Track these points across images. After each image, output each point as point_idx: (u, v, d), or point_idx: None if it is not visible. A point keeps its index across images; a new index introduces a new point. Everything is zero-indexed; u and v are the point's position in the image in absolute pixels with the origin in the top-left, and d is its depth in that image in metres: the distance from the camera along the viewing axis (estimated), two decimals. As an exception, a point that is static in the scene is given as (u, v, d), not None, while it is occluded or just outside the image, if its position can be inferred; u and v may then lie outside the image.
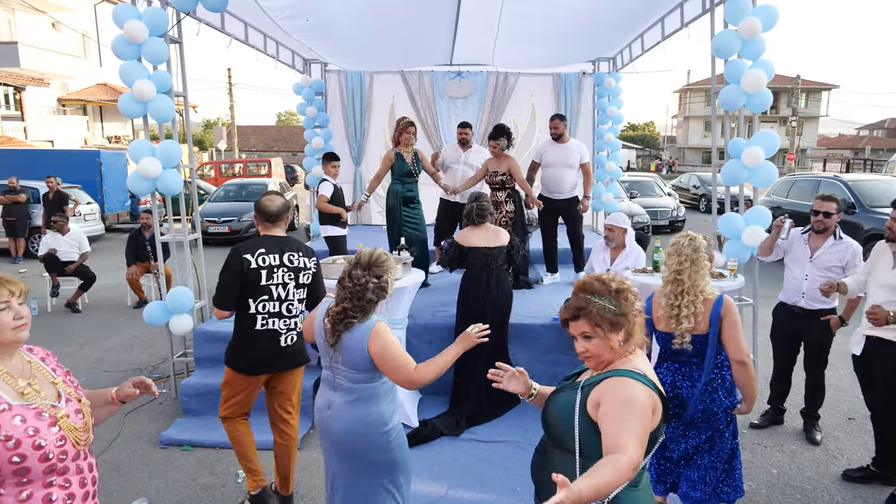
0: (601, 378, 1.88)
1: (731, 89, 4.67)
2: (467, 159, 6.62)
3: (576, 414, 1.86)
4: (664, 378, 2.97)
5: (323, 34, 7.24)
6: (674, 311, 2.87)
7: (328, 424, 2.59)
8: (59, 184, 11.57)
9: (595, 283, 1.94)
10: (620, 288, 1.92)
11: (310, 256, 3.41)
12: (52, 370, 1.94)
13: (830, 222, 4.11)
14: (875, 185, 10.48)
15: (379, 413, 2.55)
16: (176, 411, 4.83)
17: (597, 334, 1.88)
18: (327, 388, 2.65)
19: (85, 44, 26.34)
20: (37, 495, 1.74)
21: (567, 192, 6.46)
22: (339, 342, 2.49)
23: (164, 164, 4.69)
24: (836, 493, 3.73)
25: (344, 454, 2.58)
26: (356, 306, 2.48)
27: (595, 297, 1.90)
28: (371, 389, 2.54)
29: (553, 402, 2.01)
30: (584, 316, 1.89)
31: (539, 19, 6.32)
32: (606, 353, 1.89)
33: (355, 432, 2.52)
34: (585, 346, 1.90)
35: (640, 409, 1.77)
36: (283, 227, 3.43)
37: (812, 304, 4.20)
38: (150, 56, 4.63)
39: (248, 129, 48.22)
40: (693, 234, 2.99)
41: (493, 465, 4.00)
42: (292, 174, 30.69)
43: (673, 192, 18.07)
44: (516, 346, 5.02)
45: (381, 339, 2.46)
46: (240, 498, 3.69)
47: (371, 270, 2.51)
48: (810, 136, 49.09)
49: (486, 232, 4.74)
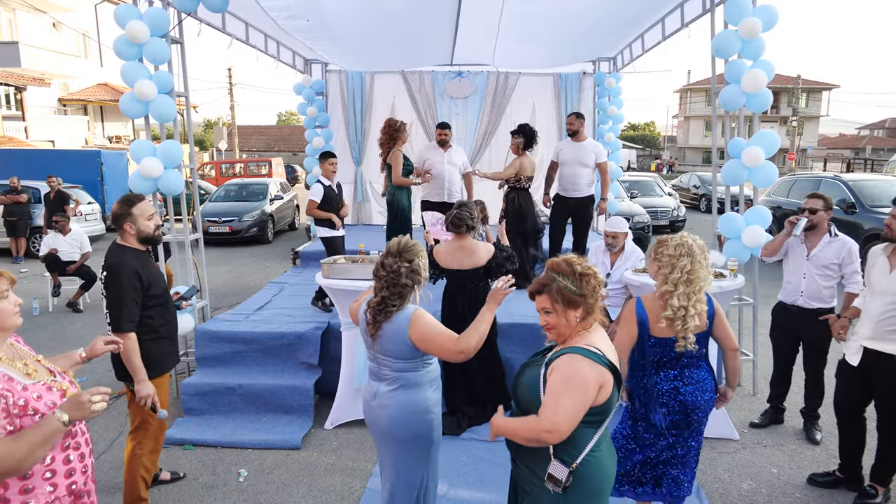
0: (559, 354, 2.09)
1: (731, 89, 4.68)
2: (450, 159, 6.65)
3: (541, 386, 2.08)
4: (662, 387, 2.87)
5: (324, 34, 7.25)
6: (680, 312, 2.78)
7: (374, 414, 2.68)
8: (60, 184, 11.59)
9: (563, 263, 2.16)
10: (584, 272, 2.13)
11: (105, 268, 3.29)
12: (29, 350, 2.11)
13: (817, 219, 4.14)
14: (875, 184, 10.48)
15: (424, 399, 2.65)
16: (177, 410, 4.84)
17: (555, 310, 2.12)
18: (373, 380, 2.74)
19: (86, 44, 26.35)
20: (58, 458, 1.97)
21: (582, 190, 6.49)
22: (378, 332, 2.59)
23: (166, 164, 4.70)
24: (836, 492, 3.74)
25: (389, 441, 2.68)
26: (393, 293, 2.58)
27: (559, 276, 2.13)
28: (415, 377, 2.64)
29: (522, 376, 2.22)
30: (546, 291, 2.13)
31: (540, 19, 6.33)
32: (563, 327, 2.12)
33: (400, 419, 2.62)
34: (546, 319, 2.15)
35: (580, 385, 2.00)
36: (131, 238, 3.34)
37: (811, 303, 4.21)
38: (152, 56, 4.64)
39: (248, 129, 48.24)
40: (684, 234, 2.92)
41: (493, 464, 4.01)
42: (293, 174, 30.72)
43: (673, 192, 18.07)
44: (515, 346, 5.02)
45: (421, 323, 2.56)
46: (242, 496, 3.70)
47: (402, 256, 2.61)
48: (811, 135, 49.07)
49: (461, 250, 4.33)
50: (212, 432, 4.44)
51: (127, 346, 3.14)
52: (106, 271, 3.24)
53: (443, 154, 6.64)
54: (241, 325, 5.16)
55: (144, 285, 3.25)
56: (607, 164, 6.72)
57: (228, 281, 9.63)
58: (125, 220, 3.30)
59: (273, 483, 3.85)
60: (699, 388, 2.87)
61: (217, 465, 4.09)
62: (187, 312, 4.93)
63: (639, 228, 11.82)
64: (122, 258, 3.24)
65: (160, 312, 3.38)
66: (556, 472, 2.04)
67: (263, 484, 3.84)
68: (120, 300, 3.15)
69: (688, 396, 2.85)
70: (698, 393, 2.86)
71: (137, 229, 3.32)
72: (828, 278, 4.15)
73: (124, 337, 3.13)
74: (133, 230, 3.32)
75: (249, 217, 13.83)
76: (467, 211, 4.29)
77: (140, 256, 3.33)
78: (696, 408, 2.86)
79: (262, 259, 11.89)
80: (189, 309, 4.94)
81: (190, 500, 3.68)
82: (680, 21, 6.09)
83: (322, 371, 4.93)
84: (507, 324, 5.08)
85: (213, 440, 4.36)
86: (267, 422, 4.58)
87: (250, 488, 3.80)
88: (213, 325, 5.17)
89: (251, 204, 14.47)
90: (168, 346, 3.47)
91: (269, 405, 4.67)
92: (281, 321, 5.28)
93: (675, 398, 2.85)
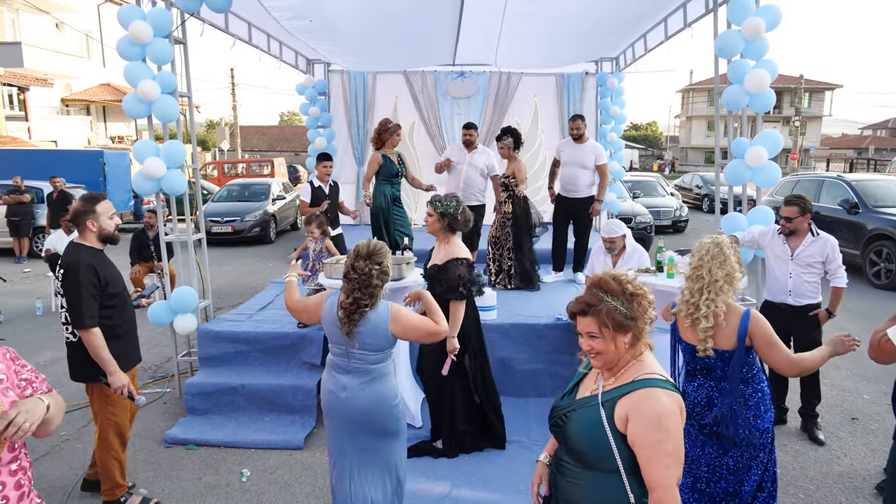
0: (624, 391, 1.82)
1: (734, 89, 4.67)
2: (472, 160, 6.64)
3: (608, 433, 1.80)
4: (698, 395, 2.79)
5: (326, 34, 7.25)
6: (689, 308, 2.72)
7: (344, 405, 2.77)
8: (64, 184, 11.62)
9: (612, 282, 1.88)
10: (636, 293, 1.87)
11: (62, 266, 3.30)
12: None
13: (793, 226, 4.21)
14: (879, 185, 10.44)
15: (391, 387, 2.82)
16: (180, 410, 4.85)
17: (603, 334, 1.84)
18: (338, 374, 2.82)
19: (88, 44, 26.39)
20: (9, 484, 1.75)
21: (581, 191, 6.50)
22: (356, 329, 2.69)
23: (169, 165, 4.71)
24: (838, 492, 3.73)
25: (360, 428, 2.78)
26: (365, 294, 2.70)
27: (608, 297, 1.85)
28: (384, 368, 2.80)
29: (571, 425, 1.89)
30: (592, 313, 1.85)
31: (542, 19, 6.33)
32: (612, 353, 1.85)
33: (372, 408, 2.75)
34: (591, 343, 1.86)
35: (673, 423, 1.74)
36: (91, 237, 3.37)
37: (799, 300, 4.28)
38: (155, 57, 4.65)
39: (250, 129, 48.27)
40: (718, 237, 2.86)
41: (496, 464, 4.01)
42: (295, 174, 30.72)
43: (676, 192, 18.05)
44: (519, 346, 5.02)
45: (401, 318, 2.74)
46: (245, 496, 3.71)
47: (371, 259, 2.73)
48: (813, 135, 48.96)
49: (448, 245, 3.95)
50: (214, 432, 4.45)
51: (92, 341, 3.20)
52: (63, 269, 3.26)
53: (466, 155, 6.64)
54: (243, 325, 5.17)
55: (102, 283, 3.28)
56: (607, 167, 6.72)
57: (231, 281, 9.64)
58: (88, 218, 3.33)
59: (276, 483, 3.86)
60: (738, 403, 2.73)
61: (220, 464, 4.09)
62: (190, 313, 4.94)
63: (641, 229, 11.81)
64: (78, 256, 3.26)
65: (118, 312, 3.41)
66: None
67: (266, 484, 3.85)
68: (79, 297, 3.18)
69: (724, 409, 2.72)
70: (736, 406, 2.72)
71: (99, 227, 3.35)
72: (813, 275, 4.25)
73: (88, 333, 3.19)
74: (95, 228, 3.34)
75: (252, 217, 13.85)
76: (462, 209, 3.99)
77: (97, 255, 3.36)
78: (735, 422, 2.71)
79: (265, 259, 11.90)
80: (192, 309, 4.95)
81: (193, 500, 3.68)
82: (683, 21, 6.08)
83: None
84: (508, 324, 5.09)
85: (216, 440, 4.36)
86: (269, 422, 4.58)
87: (253, 488, 3.80)
88: (216, 325, 5.17)
89: (254, 204, 14.49)
90: (126, 345, 3.50)
91: (271, 405, 4.68)
92: (283, 321, 5.28)
93: (710, 409, 2.76)
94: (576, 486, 1.89)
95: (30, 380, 1.89)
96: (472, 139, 6.68)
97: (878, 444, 4.32)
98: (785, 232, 4.27)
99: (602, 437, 1.80)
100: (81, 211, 3.35)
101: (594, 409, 1.85)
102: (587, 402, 1.90)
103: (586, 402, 1.90)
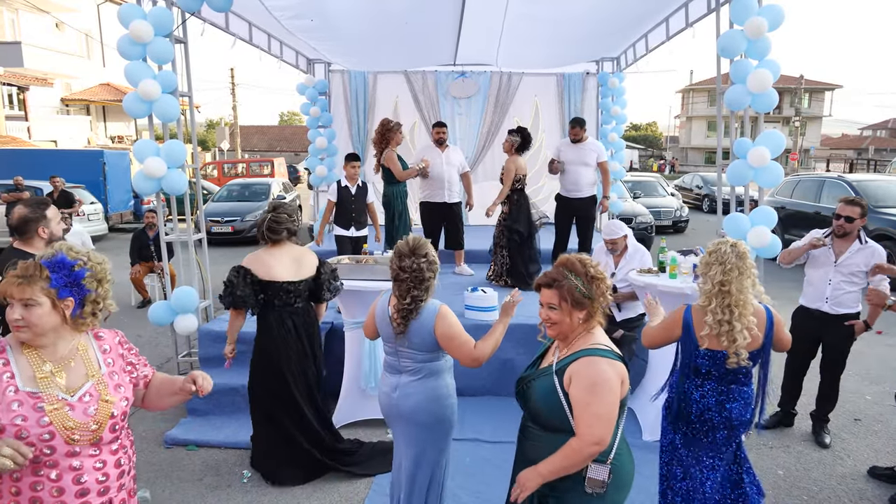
0: (572, 359, 2.07)
1: (736, 89, 4.66)
2: (448, 159, 6.63)
3: (561, 397, 2.06)
4: (707, 401, 2.74)
5: (327, 34, 7.25)
6: (723, 327, 2.63)
7: (397, 405, 2.77)
8: (63, 184, 11.61)
9: (577, 263, 2.14)
10: (596, 276, 2.12)
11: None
12: (104, 361, 1.95)
13: (852, 227, 4.03)
14: (879, 185, 10.44)
15: (445, 385, 2.79)
16: (181, 411, 4.83)
17: (561, 307, 2.10)
18: (391, 374, 2.84)
19: (88, 44, 26.38)
20: (25, 481, 1.78)
21: (584, 190, 6.51)
22: (406, 330, 2.70)
23: (170, 164, 4.69)
24: (842, 493, 3.72)
25: (413, 427, 2.77)
26: (421, 289, 2.69)
27: (571, 276, 2.11)
28: (436, 366, 2.77)
29: (532, 391, 2.17)
30: (555, 286, 2.11)
31: (543, 20, 6.32)
32: (566, 325, 2.11)
33: (424, 406, 2.73)
34: (549, 314, 2.13)
35: (607, 388, 2.00)
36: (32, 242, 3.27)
37: (836, 308, 4.10)
38: (156, 56, 4.63)
39: (250, 129, 48.29)
40: (734, 241, 2.73)
41: (496, 465, 3.98)
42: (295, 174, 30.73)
43: (676, 193, 18.05)
44: (520, 347, 5.00)
45: (446, 321, 2.71)
46: (246, 497, 3.69)
47: (416, 254, 2.70)
48: (813, 136, 48.98)
49: (288, 256, 3.73)
50: (215, 433, 4.43)
51: None
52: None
53: (441, 154, 6.63)
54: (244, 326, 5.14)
55: None
56: (608, 164, 6.72)
57: (231, 281, 9.58)
58: (39, 224, 3.24)
59: (277, 486, 3.83)
60: (744, 405, 2.75)
61: (221, 465, 4.07)
62: (191, 313, 4.93)
63: (642, 229, 11.80)
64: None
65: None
66: (596, 475, 2.03)
67: (266, 486, 3.82)
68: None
69: (734, 412, 2.72)
70: (743, 409, 2.75)
71: (50, 233, 3.27)
72: (854, 284, 4.05)
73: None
74: (46, 234, 3.26)
75: (252, 217, 13.83)
76: (284, 211, 3.74)
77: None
78: (741, 423, 2.75)
79: (265, 259, 11.88)
80: (193, 309, 4.93)
81: (193, 501, 3.67)
82: (684, 21, 6.07)
83: (326, 371, 4.92)
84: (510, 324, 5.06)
85: (217, 441, 4.34)
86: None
87: (254, 489, 3.78)
88: (217, 325, 5.16)
89: (254, 204, 14.47)
90: None
91: (272, 406, 4.65)
92: (284, 321, 5.26)
93: (721, 413, 2.73)
94: (536, 447, 2.15)
95: (134, 363, 2.07)
96: (444, 137, 6.66)
97: (880, 445, 4.32)
98: (839, 233, 4.06)
99: (556, 401, 2.07)
100: (32, 218, 3.23)
101: (549, 378, 2.12)
102: (545, 371, 2.17)
103: (544, 372, 2.17)
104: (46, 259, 1.83)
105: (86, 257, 1.90)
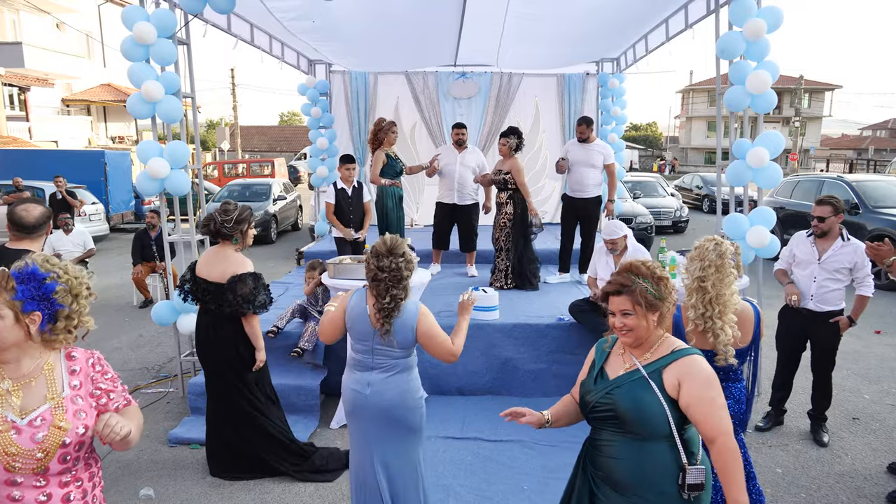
0: (667, 361, 2.03)
1: (736, 90, 4.68)
2: (464, 160, 6.65)
3: (661, 400, 1.99)
4: None
5: (329, 35, 7.27)
6: (707, 323, 2.68)
7: (369, 402, 2.79)
8: (66, 184, 11.64)
9: (642, 266, 2.12)
10: (663, 276, 2.11)
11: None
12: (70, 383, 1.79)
13: (826, 226, 4.12)
14: (878, 185, 10.47)
15: (415, 378, 2.88)
16: (184, 410, 4.87)
17: (636, 311, 2.04)
18: (361, 371, 2.85)
19: (89, 44, 26.38)
20: None
21: (589, 191, 6.50)
22: (391, 328, 2.73)
23: (173, 165, 4.72)
24: (840, 492, 3.75)
25: (386, 423, 2.81)
26: (399, 287, 2.73)
27: (639, 279, 2.07)
28: (407, 362, 2.84)
29: (619, 401, 2.03)
30: (626, 293, 2.06)
31: (544, 21, 6.34)
32: (643, 330, 2.06)
33: (399, 401, 2.79)
34: (624, 321, 2.06)
35: (716, 382, 1.99)
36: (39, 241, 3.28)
37: (821, 306, 4.18)
38: (159, 57, 4.65)
39: (251, 130, 48.31)
40: (719, 239, 2.79)
41: (499, 463, 4.02)
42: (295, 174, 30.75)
43: (676, 193, 18.07)
44: (521, 347, 5.04)
45: (427, 320, 2.79)
46: (249, 495, 3.72)
47: (394, 253, 2.74)
48: (813, 136, 48.97)
49: (220, 257, 3.93)
50: (218, 432, 4.45)
51: None
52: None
53: (457, 155, 6.65)
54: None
55: None
56: (615, 166, 6.74)
57: (232, 281, 9.60)
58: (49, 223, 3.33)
59: (279, 482, 3.87)
60: (737, 402, 2.80)
61: (223, 464, 4.09)
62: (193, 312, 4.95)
63: (641, 229, 11.83)
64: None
65: None
66: (694, 479, 1.96)
67: (270, 483, 3.86)
68: None
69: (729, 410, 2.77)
70: (736, 406, 2.79)
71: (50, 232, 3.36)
72: (838, 281, 4.12)
73: None
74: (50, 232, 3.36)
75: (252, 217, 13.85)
76: (225, 211, 3.98)
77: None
78: (737, 422, 2.72)
79: (266, 259, 11.91)
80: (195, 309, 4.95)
81: (197, 500, 3.70)
82: (684, 22, 6.10)
83: (327, 371, 4.95)
84: (510, 324, 5.10)
85: (220, 439, 4.36)
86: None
87: (257, 487, 3.81)
88: (219, 324, 5.17)
89: (254, 204, 14.45)
90: None
91: (274, 405, 4.68)
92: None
93: None
94: (620, 461, 2.04)
95: (107, 389, 1.85)
96: (464, 139, 6.69)
97: (879, 444, 4.34)
98: (817, 233, 4.14)
99: (653, 404, 1.99)
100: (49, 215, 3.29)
101: (641, 382, 2.03)
102: (629, 377, 2.07)
103: (628, 378, 2.07)
104: (17, 269, 1.71)
105: (61, 270, 1.75)
